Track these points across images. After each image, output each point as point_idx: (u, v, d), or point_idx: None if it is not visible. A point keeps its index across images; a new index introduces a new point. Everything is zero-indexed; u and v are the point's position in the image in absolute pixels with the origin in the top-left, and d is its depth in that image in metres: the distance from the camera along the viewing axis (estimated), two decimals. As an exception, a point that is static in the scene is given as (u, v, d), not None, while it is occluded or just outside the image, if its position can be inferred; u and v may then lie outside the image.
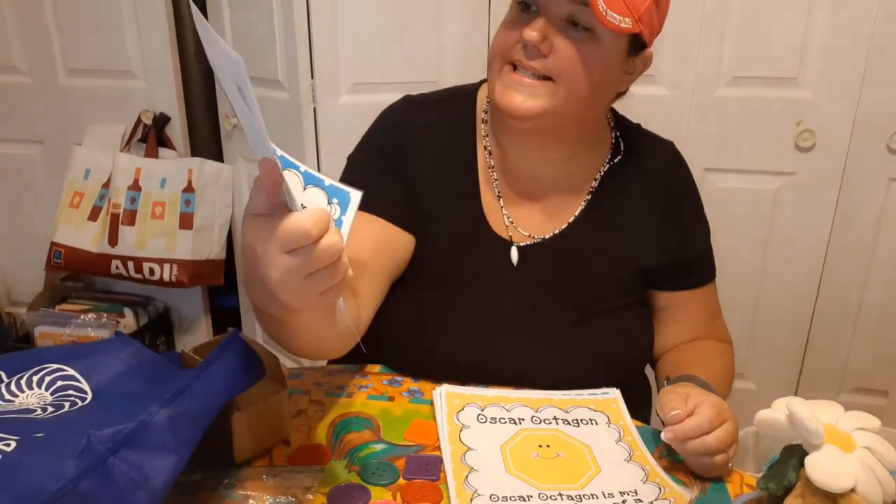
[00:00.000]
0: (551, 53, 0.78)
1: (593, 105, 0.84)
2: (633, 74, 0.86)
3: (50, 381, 0.66)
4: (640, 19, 0.75)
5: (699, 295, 0.97)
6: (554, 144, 0.88)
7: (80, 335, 1.96)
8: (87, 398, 0.64)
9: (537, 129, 0.83)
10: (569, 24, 0.78)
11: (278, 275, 0.52)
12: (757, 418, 0.57)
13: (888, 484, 0.52)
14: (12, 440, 0.54)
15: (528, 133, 0.85)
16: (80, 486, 0.50)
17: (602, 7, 0.73)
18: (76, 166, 2.02)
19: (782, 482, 0.55)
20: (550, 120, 0.81)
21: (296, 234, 0.50)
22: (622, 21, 0.74)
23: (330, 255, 0.52)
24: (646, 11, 0.76)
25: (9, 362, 0.68)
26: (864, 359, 1.79)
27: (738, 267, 1.77)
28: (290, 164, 0.56)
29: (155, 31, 1.94)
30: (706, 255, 0.98)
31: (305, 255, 0.51)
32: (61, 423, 0.59)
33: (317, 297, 0.54)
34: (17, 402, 0.63)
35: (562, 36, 0.78)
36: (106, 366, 0.68)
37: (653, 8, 0.77)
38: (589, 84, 0.80)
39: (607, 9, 0.73)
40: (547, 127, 0.83)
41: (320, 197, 0.57)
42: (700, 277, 0.97)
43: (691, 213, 0.97)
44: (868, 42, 1.54)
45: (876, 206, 1.66)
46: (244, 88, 0.47)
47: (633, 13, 0.74)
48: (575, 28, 0.77)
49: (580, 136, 0.89)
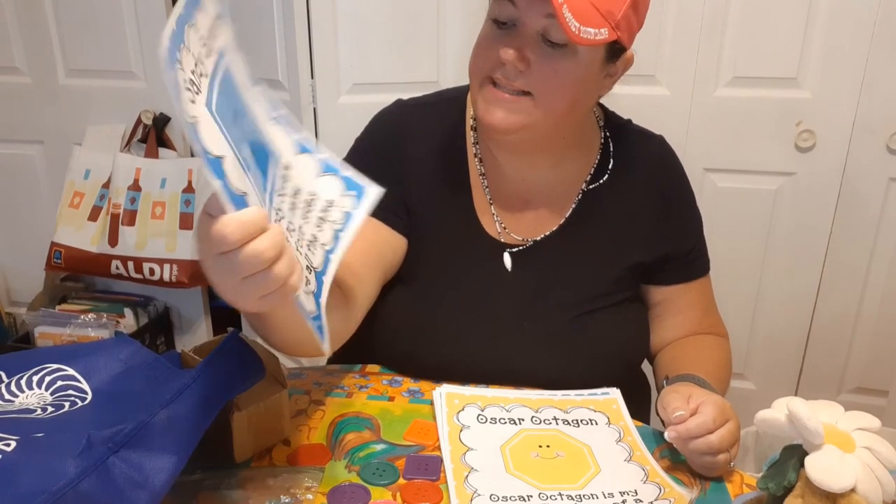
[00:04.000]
0: (528, 69, 0.77)
1: (575, 113, 0.85)
2: (614, 77, 0.85)
3: (50, 381, 0.66)
4: (618, 26, 0.73)
5: (694, 288, 0.97)
6: (540, 152, 0.89)
7: (80, 335, 1.96)
8: (87, 398, 0.64)
9: (521, 141, 0.84)
10: (544, 40, 0.76)
11: (211, 275, 0.52)
12: (757, 418, 0.57)
13: (888, 484, 0.52)
14: (12, 440, 0.54)
15: (514, 144, 0.86)
16: (80, 486, 0.50)
17: (574, 26, 0.70)
18: (76, 166, 2.02)
19: (782, 482, 0.55)
20: (532, 132, 0.82)
21: (217, 238, 0.48)
22: (598, 33, 0.71)
23: (255, 262, 0.50)
24: (623, 17, 0.73)
25: (9, 362, 0.68)
26: (864, 359, 1.79)
27: (738, 267, 1.77)
28: (307, 149, 0.55)
29: (155, 31, 1.93)
30: (699, 247, 0.98)
31: (229, 260, 0.50)
32: (61, 423, 0.59)
33: (256, 301, 0.53)
34: (17, 402, 0.63)
35: (537, 52, 0.76)
36: (106, 366, 0.68)
37: (630, 12, 0.74)
38: (567, 97, 0.79)
39: (580, 25, 0.70)
40: (531, 138, 0.83)
41: (335, 186, 0.56)
42: (694, 270, 0.97)
43: (683, 205, 0.97)
44: (868, 42, 1.54)
45: (876, 206, 1.66)
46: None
47: (609, 21, 0.72)
48: (550, 44, 0.76)
49: (566, 141, 0.89)
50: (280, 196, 0.56)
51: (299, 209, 0.57)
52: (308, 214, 0.57)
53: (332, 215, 0.58)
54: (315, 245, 0.58)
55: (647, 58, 1.65)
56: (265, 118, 0.55)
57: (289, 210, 0.57)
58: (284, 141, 0.56)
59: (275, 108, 0.57)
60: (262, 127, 0.54)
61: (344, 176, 0.57)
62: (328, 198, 0.58)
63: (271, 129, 0.56)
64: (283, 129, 0.57)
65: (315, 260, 0.58)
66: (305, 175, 0.55)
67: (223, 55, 0.52)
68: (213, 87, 0.50)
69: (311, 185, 0.55)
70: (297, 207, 0.57)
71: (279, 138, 0.56)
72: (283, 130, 0.57)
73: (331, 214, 0.58)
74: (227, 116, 0.51)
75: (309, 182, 0.54)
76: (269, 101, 0.56)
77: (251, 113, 0.54)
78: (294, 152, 0.57)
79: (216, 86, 0.51)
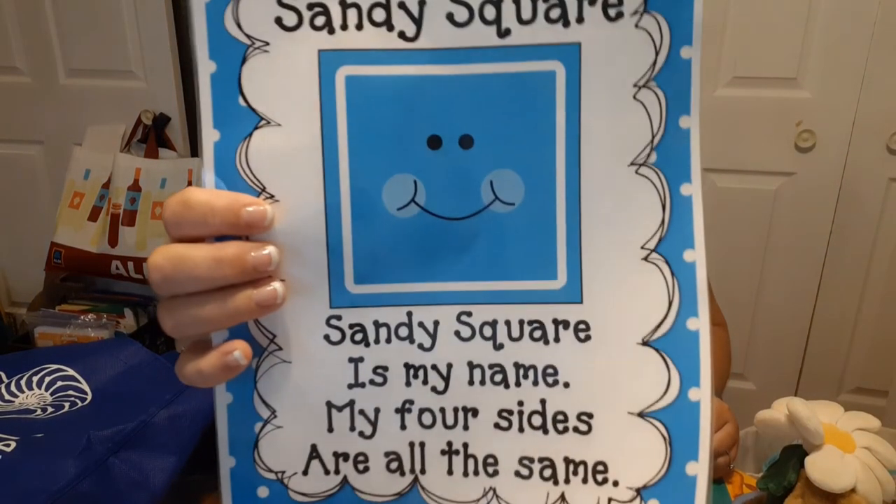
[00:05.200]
0: None
1: None
2: None
3: (50, 381, 0.66)
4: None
5: None
6: None
7: (80, 335, 1.96)
8: (87, 398, 0.64)
9: None
10: None
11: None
12: (757, 418, 0.57)
13: (888, 484, 0.52)
14: (12, 440, 0.54)
15: None
16: (80, 486, 0.50)
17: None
18: (76, 166, 2.02)
19: (782, 482, 0.55)
20: None
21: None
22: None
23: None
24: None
25: (9, 362, 0.68)
26: (864, 359, 1.79)
27: (738, 267, 1.77)
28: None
29: (155, 31, 1.93)
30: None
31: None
32: (61, 423, 0.59)
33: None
34: (17, 403, 0.63)
35: None
36: (106, 366, 0.68)
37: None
38: None
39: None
40: None
41: None
42: None
43: None
44: (868, 42, 1.54)
45: (876, 206, 1.66)
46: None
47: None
48: None
49: None
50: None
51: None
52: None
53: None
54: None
55: (647, 58, 1.65)
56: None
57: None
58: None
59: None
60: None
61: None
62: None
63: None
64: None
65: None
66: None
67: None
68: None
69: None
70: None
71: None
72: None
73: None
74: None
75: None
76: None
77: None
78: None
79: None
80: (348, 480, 0.34)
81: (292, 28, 0.31)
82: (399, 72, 0.31)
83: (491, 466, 0.34)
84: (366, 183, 0.32)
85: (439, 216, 0.33)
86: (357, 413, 0.34)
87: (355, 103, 0.32)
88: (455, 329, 0.34)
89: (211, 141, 0.32)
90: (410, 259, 0.33)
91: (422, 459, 0.34)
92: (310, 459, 0.34)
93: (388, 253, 0.33)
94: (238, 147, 0.32)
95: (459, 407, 0.34)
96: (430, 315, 0.33)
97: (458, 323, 0.34)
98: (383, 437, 0.34)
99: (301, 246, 0.32)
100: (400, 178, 0.32)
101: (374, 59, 0.31)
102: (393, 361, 0.34)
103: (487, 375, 0.34)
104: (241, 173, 0.32)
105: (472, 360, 0.34)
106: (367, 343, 0.34)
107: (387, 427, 0.34)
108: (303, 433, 0.34)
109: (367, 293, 0.33)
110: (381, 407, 0.34)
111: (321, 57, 0.32)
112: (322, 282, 0.33)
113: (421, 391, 0.34)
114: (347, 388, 0.34)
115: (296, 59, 0.31)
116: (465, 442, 0.34)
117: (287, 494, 0.34)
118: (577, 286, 0.33)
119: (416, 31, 0.31)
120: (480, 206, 0.33)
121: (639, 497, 0.33)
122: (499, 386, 0.34)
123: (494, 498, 0.34)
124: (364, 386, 0.34)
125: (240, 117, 0.32)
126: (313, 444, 0.34)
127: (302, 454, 0.34)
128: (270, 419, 0.34)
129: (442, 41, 0.31)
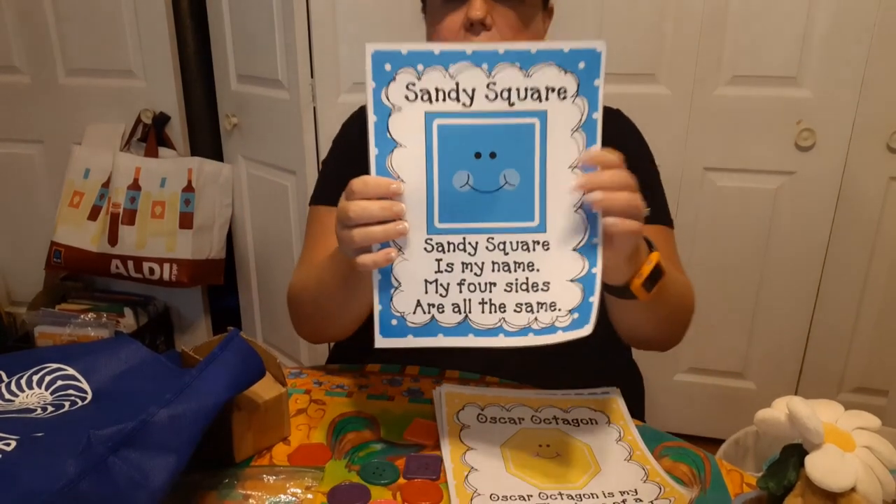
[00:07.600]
0: (493, 25, 0.84)
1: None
2: (546, 25, 0.94)
3: (50, 380, 0.66)
4: None
5: (649, 230, 0.84)
6: None
7: (80, 335, 1.96)
8: (87, 398, 0.64)
9: None
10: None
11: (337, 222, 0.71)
12: (757, 418, 0.57)
13: (888, 483, 0.52)
14: (12, 440, 0.54)
15: None
16: (80, 485, 0.50)
17: None
18: (76, 166, 2.02)
19: (782, 482, 0.55)
20: None
21: (346, 188, 0.68)
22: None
23: (363, 214, 0.66)
24: None
25: (9, 362, 0.68)
26: (864, 358, 1.79)
27: (739, 267, 1.77)
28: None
29: (155, 31, 1.94)
30: (657, 199, 0.96)
31: (348, 210, 0.67)
32: (61, 422, 0.59)
33: (355, 254, 0.68)
34: (17, 402, 0.63)
35: (498, 6, 0.85)
36: (106, 366, 0.68)
37: None
38: (531, 38, 0.86)
39: None
40: None
41: (551, 73, 0.64)
42: (652, 215, 0.87)
43: (640, 158, 0.97)
44: (868, 42, 1.54)
45: (876, 206, 1.66)
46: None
47: None
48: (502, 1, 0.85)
49: None
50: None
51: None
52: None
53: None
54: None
55: (647, 57, 1.66)
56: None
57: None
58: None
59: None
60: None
61: (567, 52, 0.65)
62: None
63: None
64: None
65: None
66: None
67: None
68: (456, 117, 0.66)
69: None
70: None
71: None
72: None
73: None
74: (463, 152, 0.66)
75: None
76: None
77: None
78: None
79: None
80: (435, 318, 0.69)
81: (412, 101, 0.65)
82: (462, 122, 0.66)
83: (501, 310, 0.69)
84: (444, 175, 0.66)
85: (479, 191, 0.67)
86: (439, 285, 0.68)
87: (441, 137, 0.66)
88: (486, 245, 0.68)
89: (373, 154, 0.66)
90: (465, 211, 0.67)
91: (469, 307, 0.69)
92: (416, 307, 0.69)
93: (454, 208, 0.67)
94: (387, 157, 0.66)
95: (488, 282, 0.68)
96: (474, 239, 0.68)
97: (488, 242, 0.68)
98: (451, 297, 0.69)
99: (415, 205, 0.66)
100: (461, 172, 0.66)
101: (451, 115, 0.66)
102: (456, 261, 0.68)
103: (501, 267, 0.68)
104: (388, 170, 0.66)
105: (495, 261, 0.68)
106: (444, 251, 0.68)
107: (453, 292, 0.69)
108: (413, 294, 0.69)
109: (445, 228, 0.67)
110: (450, 282, 0.68)
111: (426, 115, 0.65)
112: (422, 222, 0.67)
113: (469, 275, 0.68)
114: (434, 272, 0.68)
115: (414, 116, 0.65)
116: (490, 298, 0.69)
117: (405, 323, 0.69)
118: (544, 224, 0.68)
119: (470, 103, 0.65)
120: (497, 187, 0.67)
121: (568, 313, 0.68)
122: (506, 272, 0.68)
123: (502, 321, 0.69)
124: (442, 272, 0.68)
125: (388, 142, 0.66)
126: (417, 300, 0.69)
127: (412, 304, 0.69)
128: (398, 287, 0.68)
129: (482, 107, 0.65)
